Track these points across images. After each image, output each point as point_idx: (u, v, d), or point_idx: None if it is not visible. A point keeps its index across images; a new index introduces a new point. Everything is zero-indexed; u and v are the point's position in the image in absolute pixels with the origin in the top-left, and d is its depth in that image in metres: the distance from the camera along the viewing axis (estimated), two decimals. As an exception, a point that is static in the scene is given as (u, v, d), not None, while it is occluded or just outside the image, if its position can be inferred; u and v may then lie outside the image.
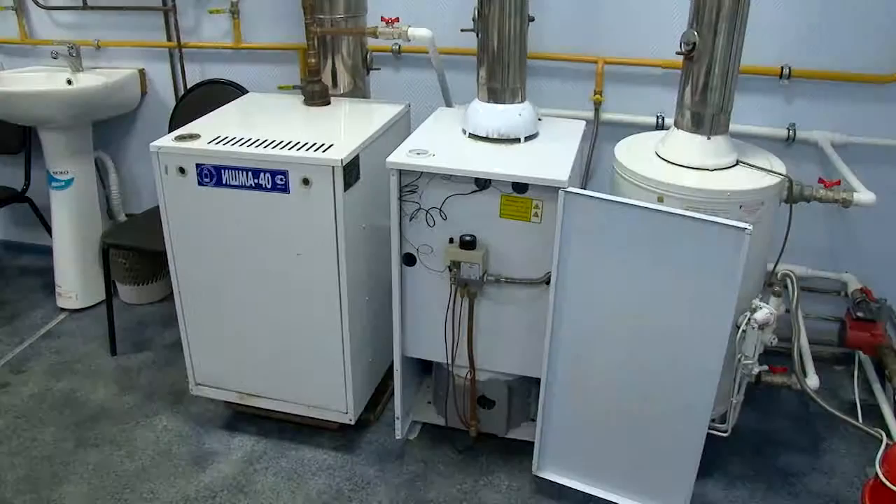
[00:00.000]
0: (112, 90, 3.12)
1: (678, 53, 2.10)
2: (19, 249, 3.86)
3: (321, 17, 2.46)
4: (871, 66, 2.47)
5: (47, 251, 3.44)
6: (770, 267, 2.35)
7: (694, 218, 1.76)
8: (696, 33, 2.03)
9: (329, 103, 2.52)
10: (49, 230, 3.40)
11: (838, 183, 2.24)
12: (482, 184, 2.01)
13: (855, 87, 2.51)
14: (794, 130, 2.58)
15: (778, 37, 2.50)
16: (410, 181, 2.06)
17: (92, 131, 3.26)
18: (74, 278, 3.28)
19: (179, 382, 2.78)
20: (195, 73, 3.17)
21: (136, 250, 3.02)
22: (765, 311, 2.00)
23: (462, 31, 2.23)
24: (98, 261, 3.29)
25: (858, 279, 2.74)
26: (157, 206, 2.25)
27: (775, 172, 2.09)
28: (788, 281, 2.21)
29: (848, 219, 2.69)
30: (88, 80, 3.13)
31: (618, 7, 2.59)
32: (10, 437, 2.54)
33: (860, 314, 2.59)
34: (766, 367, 2.31)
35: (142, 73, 3.24)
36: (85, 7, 3.17)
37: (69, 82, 3.20)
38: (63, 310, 3.32)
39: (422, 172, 2.03)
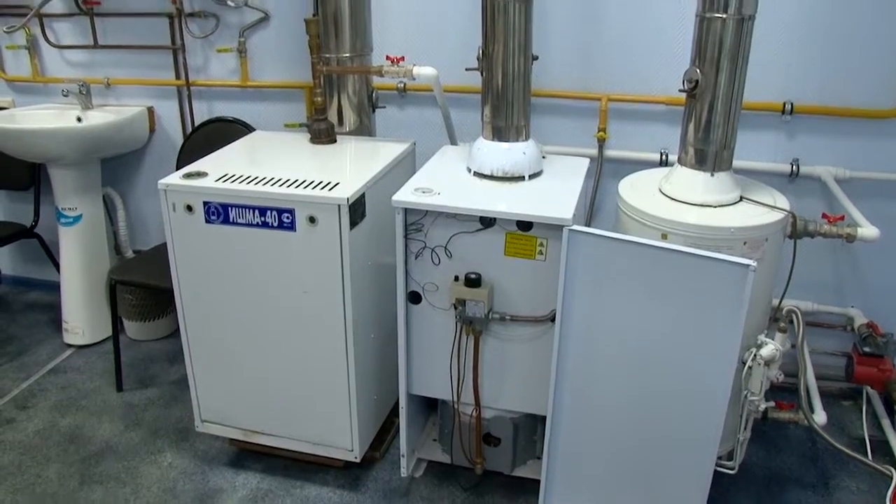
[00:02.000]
0: (121, 127, 3.15)
1: (681, 91, 2.11)
2: (27, 285, 3.88)
3: (327, 56, 2.51)
4: (872, 101, 2.49)
5: (55, 287, 3.46)
6: (775, 302, 2.35)
7: (698, 255, 1.76)
8: (698, 71, 2.05)
9: (335, 141, 2.54)
10: (57, 266, 3.42)
11: (842, 218, 2.24)
12: (487, 222, 2.02)
13: (857, 123, 2.53)
14: (798, 165, 2.59)
15: (780, 73, 2.52)
16: (416, 219, 2.07)
17: (101, 168, 3.29)
18: (81, 314, 3.29)
19: (185, 419, 2.78)
20: (203, 111, 3.21)
21: (143, 287, 3.03)
22: (770, 347, 2.00)
23: (467, 70, 2.25)
24: (105, 297, 3.31)
25: (864, 314, 2.73)
26: (165, 243, 2.27)
27: (779, 208, 2.10)
28: (794, 316, 2.21)
29: (853, 253, 2.69)
30: (98, 118, 3.18)
31: (621, 45, 2.62)
32: (15, 473, 2.54)
33: (867, 349, 2.58)
34: (772, 404, 2.30)
35: (150, 110, 3.28)
36: (96, 46, 3.23)
37: (79, 120, 3.24)
38: (70, 346, 3.32)
39: (427, 211, 2.05)
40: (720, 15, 1.97)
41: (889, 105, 2.47)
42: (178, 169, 2.47)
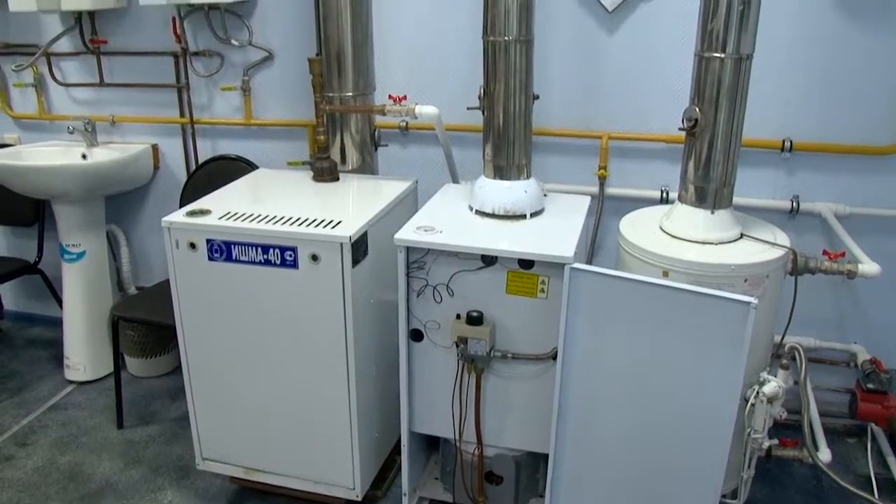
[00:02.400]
0: (125, 165, 3.18)
1: (680, 129, 2.14)
2: (29, 321, 3.88)
3: (330, 95, 2.54)
4: (871, 137, 2.51)
5: (57, 323, 3.46)
6: (777, 339, 2.35)
7: (699, 292, 1.77)
8: (697, 109, 2.07)
9: (338, 179, 2.56)
10: (59, 302, 3.43)
11: (843, 254, 2.24)
12: (489, 260, 2.03)
13: (856, 159, 2.54)
14: (798, 202, 2.60)
15: (778, 110, 2.55)
16: (418, 257, 2.09)
17: (104, 205, 3.31)
18: (83, 350, 3.29)
19: (186, 457, 2.76)
20: (206, 149, 3.24)
21: (145, 323, 3.03)
22: (773, 385, 1.99)
23: (468, 109, 2.28)
24: (107, 333, 3.31)
25: (867, 350, 2.72)
26: (167, 280, 2.28)
27: (779, 245, 2.11)
28: (796, 353, 2.20)
29: (854, 289, 2.69)
30: (102, 155, 3.21)
31: (621, 84, 2.65)
32: (14, 513, 2.53)
33: (870, 385, 2.56)
34: (776, 441, 2.29)
35: (155, 148, 3.31)
36: (102, 84, 3.27)
37: (84, 157, 3.27)
38: (71, 382, 3.32)
39: (429, 249, 2.06)
40: (718, 55, 2.00)
41: (888, 141, 2.49)
42: (181, 206, 2.49)
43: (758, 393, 2.00)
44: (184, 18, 3.00)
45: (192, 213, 2.23)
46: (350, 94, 2.55)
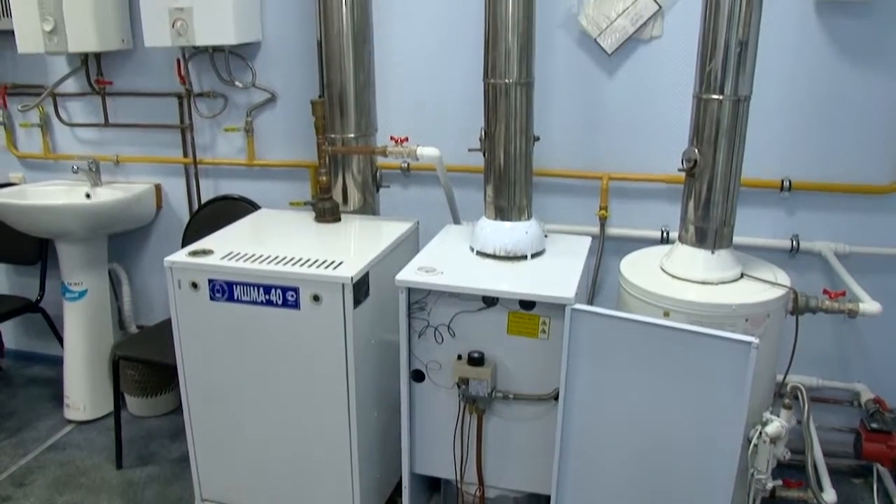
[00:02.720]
0: (128, 204, 3.20)
1: (680, 170, 2.15)
2: (29, 359, 3.87)
3: (332, 136, 2.57)
4: (870, 176, 2.52)
5: (57, 361, 3.45)
6: (779, 378, 2.34)
7: (700, 333, 1.77)
8: (696, 150, 2.09)
9: (339, 220, 2.58)
10: (60, 340, 3.42)
11: (843, 293, 2.24)
12: (490, 301, 2.04)
13: (855, 198, 2.56)
14: (798, 241, 2.61)
15: (777, 150, 2.57)
16: (419, 298, 2.09)
17: (107, 243, 3.32)
18: (83, 389, 3.28)
19: (186, 497, 2.74)
20: (209, 189, 3.26)
21: (146, 362, 3.03)
22: (776, 425, 1.98)
23: (469, 150, 2.30)
24: (108, 372, 3.30)
25: (871, 389, 2.71)
26: (169, 319, 2.29)
27: (780, 285, 2.11)
28: (799, 393, 2.19)
29: (856, 328, 2.69)
30: (106, 195, 3.22)
31: (621, 125, 2.67)
32: (12, 556, 2.50)
33: (875, 425, 2.54)
34: (780, 482, 2.27)
35: (158, 187, 3.33)
36: (106, 124, 3.30)
37: (87, 196, 3.28)
38: (70, 421, 3.30)
39: (430, 290, 2.07)
40: (717, 96, 2.03)
41: (887, 180, 2.51)
42: (183, 245, 2.50)
43: (761, 433, 1.99)
44: (188, 60, 3.04)
45: (194, 254, 2.24)
46: (352, 135, 2.58)
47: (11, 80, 3.39)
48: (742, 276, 2.16)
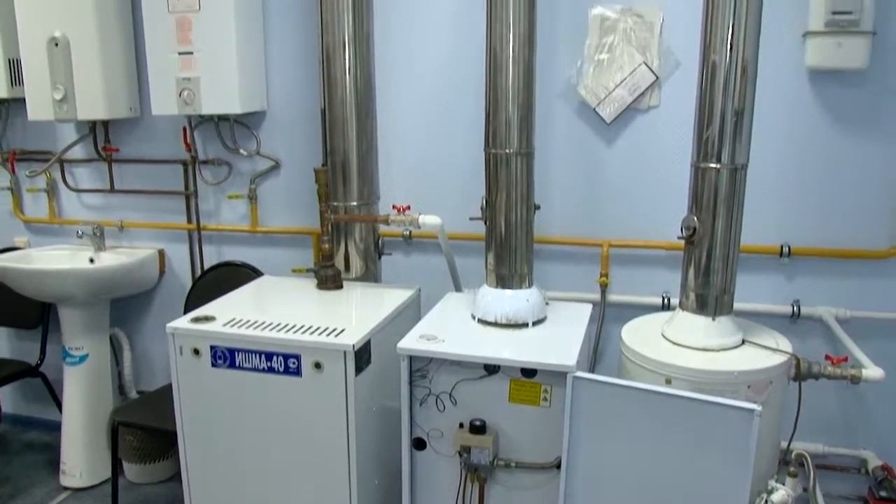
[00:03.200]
0: (131, 270, 3.21)
1: (679, 238, 2.18)
2: (26, 424, 3.84)
3: (335, 204, 2.60)
4: (869, 241, 2.54)
5: (55, 426, 3.42)
6: (784, 445, 2.32)
7: (702, 400, 1.77)
8: (695, 218, 2.11)
9: (341, 287, 2.59)
10: (59, 405, 3.40)
11: (846, 359, 2.24)
12: (491, 369, 2.03)
13: (855, 263, 2.57)
14: (799, 306, 2.61)
15: (775, 217, 2.59)
16: (421, 366, 2.09)
17: (109, 308, 3.33)
18: (81, 455, 3.24)
19: (182, 569, 2.69)
20: (212, 255, 3.29)
21: (146, 429, 3.01)
22: (781, 493, 1.96)
23: (471, 219, 2.33)
24: (106, 438, 3.27)
25: (878, 455, 2.68)
26: (169, 385, 2.28)
27: (782, 351, 2.11)
28: (804, 460, 2.17)
29: (860, 394, 2.67)
30: (109, 260, 3.25)
31: (620, 193, 2.70)
32: None
33: (883, 493, 2.51)
34: (788, 553, 2.23)
35: (161, 253, 3.35)
36: (112, 190, 3.34)
37: (91, 261, 3.30)
38: (66, 488, 3.25)
39: (432, 358, 2.07)
40: (714, 165, 2.06)
41: (885, 245, 2.52)
42: (185, 311, 2.52)
43: (766, 501, 1.96)
44: (194, 128, 3.10)
45: (196, 320, 2.25)
46: (355, 203, 2.62)
47: (20, 147, 3.45)
48: (743, 342, 2.16)
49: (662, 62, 2.56)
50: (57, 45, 2.96)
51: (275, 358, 2.13)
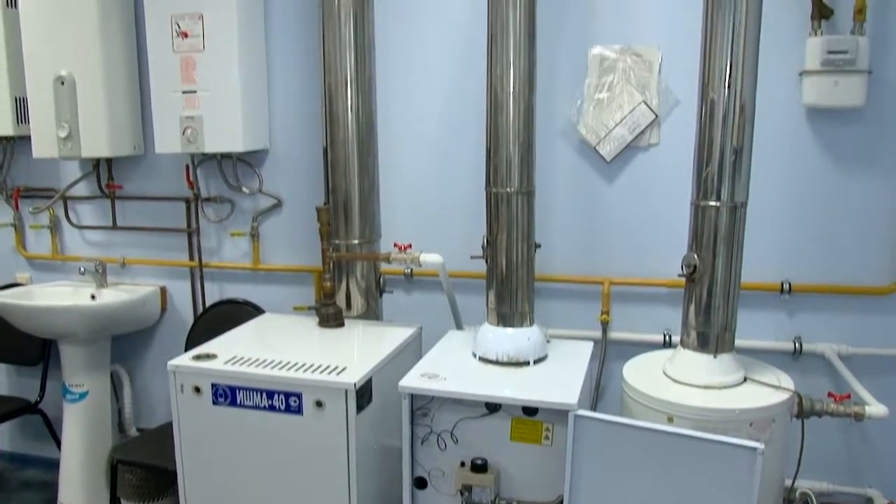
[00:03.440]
0: (133, 306, 3.22)
1: (680, 276, 2.18)
2: (24, 462, 3.80)
3: (337, 242, 2.61)
4: (870, 277, 2.55)
5: (53, 464, 3.39)
6: (788, 483, 2.31)
7: (704, 438, 1.76)
8: (695, 256, 2.12)
9: (343, 325, 2.59)
10: (58, 443, 3.38)
11: (848, 396, 2.23)
12: (493, 407, 2.03)
13: (856, 299, 2.57)
14: (800, 343, 2.61)
15: (775, 253, 2.60)
16: (422, 404, 2.09)
17: (110, 345, 3.33)
18: (79, 494, 3.21)
19: None
20: (214, 292, 3.29)
21: (145, 467, 2.98)
22: (786, 534, 1.95)
23: (472, 258, 2.34)
24: (105, 476, 3.24)
25: (884, 494, 2.65)
26: (169, 422, 2.27)
27: (784, 388, 2.11)
28: (808, 499, 2.16)
29: (864, 431, 2.65)
30: (111, 296, 3.25)
31: (621, 231, 2.72)
32: None
33: (891, 533, 2.50)
34: None
35: (163, 290, 3.36)
36: (114, 227, 3.36)
37: (93, 297, 3.30)
38: (64, 527, 3.23)
39: (433, 396, 2.06)
40: (714, 203, 2.07)
41: (887, 281, 2.53)
42: (186, 348, 2.51)
43: (771, 543, 1.95)
44: (197, 166, 3.12)
45: (198, 358, 2.25)
46: (356, 241, 2.63)
47: (24, 184, 3.47)
48: (745, 379, 2.16)
49: (662, 101, 2.59)
50: (63, 83, 3.00)
51: (276, 396, 2.13)
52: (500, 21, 2.20)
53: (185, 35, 2.83)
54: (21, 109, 3.22)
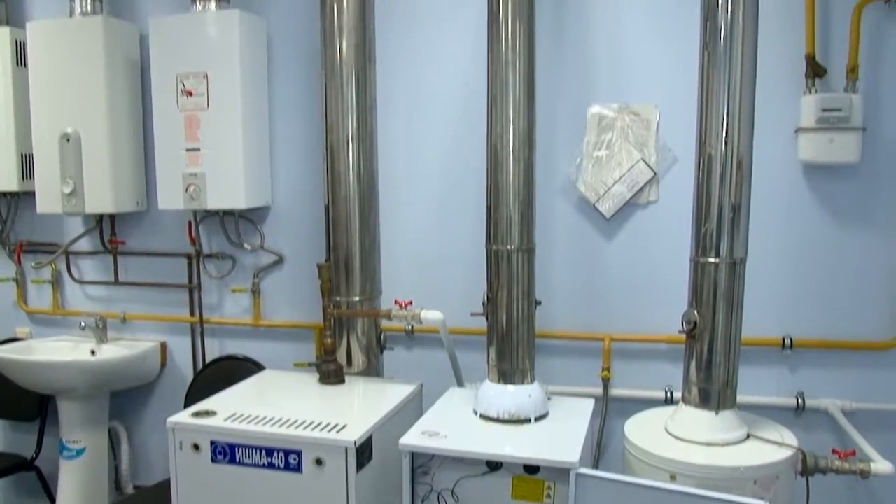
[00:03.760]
0: (133, 362, 3.21)
1: (680, 332, 2.18)
2: (18, 520, 3.76)
3: (338, 298, 2.61)
4: (872, 333, 2.54)
5: (48, 523, 3.36)
6: (794, 543, 2.28)
7: (708, 497, 1.74)
8: (695, 312, 2.13)
9: (343, 382, 2.58)
10: (53, 500, 3.33)
11: (853, 453, 2.21)
12: (494, 465, 2.01)
13: (859, 354, 2.57)
14: (803, 399, 2.59)
15: (776, 309, 2.60)
16: (423, 462, 2.07)
17: (109, 401, 3.31)
18: (73, 555, 3.17)
19: None
20: (214, 348, 3.29)
21: (141, 526, 2.96)
22: None
23: (472, 314, 2.35)
24: (100, 535, 3.21)
25: (894, 554, 2.63)
26: (167, 480, 2.25)
27: (787, 445, 2.09)
28: (816, 561, 2.13)
29: (870, 489, 2.62)
30: (111, 352, 3.24)
31: (621, 287, 2.72)
32: None
33: (897, 593, 2.45)
34: None
35: (163, 345, 3.35)
36: (116, 282, 3.37)
37: (92, 353, 3.29)
38: (58, 588, 3.17)
39: (434, 454, 2.05)
40: (713, 260, 2.09)
41: (887, 336, 2.53)
42: (186, 404, 2.50)
43: None
44: (199, 222, 3.15)
45: (197, 415, 2.23)
46: (357, 298, 2.63)
47: (28, 238, 3.49)
48: (748, 436, 2.15)
49: (660, 158, 2.62)
50: (69, 140, 3.04)
51: (275, 454, 2.11)
52: (500, 81, 2.25)
53: (190, 94, 2.88)
54: (26, 165, 3.26)
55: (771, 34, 2.40)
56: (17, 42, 3.22)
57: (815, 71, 2.42)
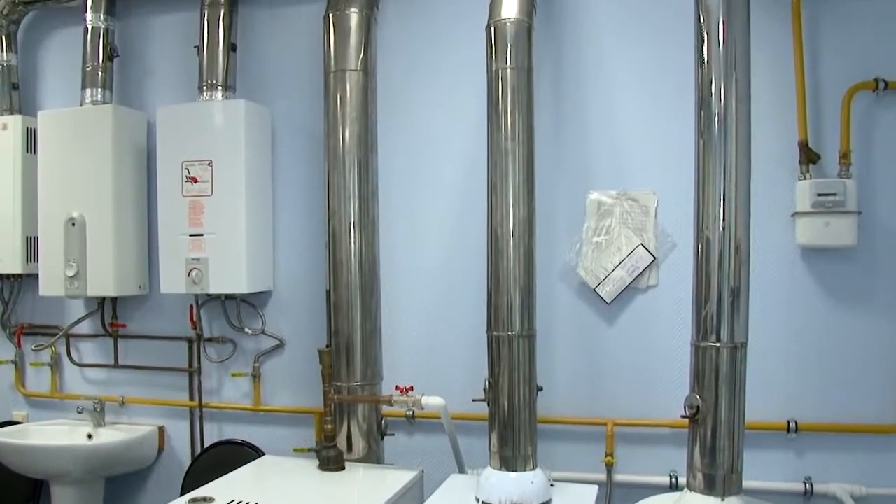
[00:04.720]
0: (130, 447, 3.17)
1: (683, 417, 2.16)
2: None
3: (338, 384, 2.60)
4: (877, 415, 2.52)
5: None
6: None
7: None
8: (698, 397, 2.11)
9: (343, 468, 2.55)
10: (41, 593, 3.25)
11: (864, 541, 2.17)
12: (496, 557, 1.98)
13: (865, 437, 2.54)
14: (811, 484, 2.55)
15: (779, 392, 2.58)
16: (424, 555, 2.03)
17: (104, 487, 3.24)
18: None
19: None
20: (213, 432, 3.24)
21: None
22: None
23: (474, 400, 2.34)
24: None
25: None
26: (160, 571, 2.20)
27: (797, 534, 2.05)
28: None
29: (886, 576, 2.56)
30: (108, 436, 3.20)
31: (623, 371, 2.72)
32: None
33: None
34: None
35: (161, 430, 3.31)
36: (116, 365, 3.35)
37: (89, 436, 3.24)
38: None
39: (434, 546, 2.01)
40: (714, 343, 2.08)
41: (893, 419, 2.51)
42: (182, 491, 2.47)
43: None
44: (201, 306, 3.15)
45: (194, 501, 2.19)
46: (358, 383, 2.63)
47: (29, 321, 3.49)
48: (757, 524, 2.11)
49: (659, 243, 2.65)
50: (74, 224, 3.08)
51: (274, 544, 2.07)
52: (500, 169, 2.29)
53: (195, 180, 2.93)
54: (31, 248, 3.29)
55: (765, 121, 2.45)
56: (27, 129, 3.30)
57: (809, 157, 2.46)
